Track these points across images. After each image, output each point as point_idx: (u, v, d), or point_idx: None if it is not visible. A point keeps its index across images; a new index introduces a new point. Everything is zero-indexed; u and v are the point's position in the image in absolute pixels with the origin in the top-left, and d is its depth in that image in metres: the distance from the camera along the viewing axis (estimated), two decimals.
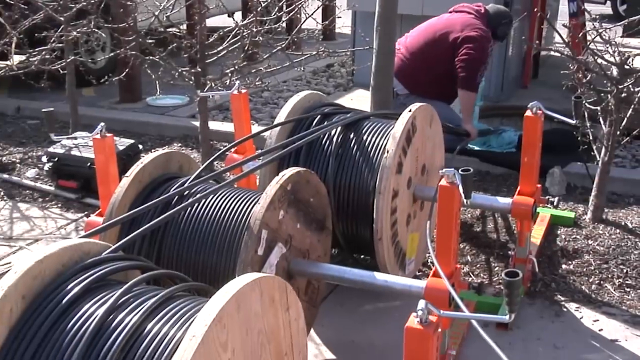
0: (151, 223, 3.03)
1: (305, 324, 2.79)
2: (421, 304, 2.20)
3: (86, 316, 2.30)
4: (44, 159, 6.23)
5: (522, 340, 3.91)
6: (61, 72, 6.93)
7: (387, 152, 3.87)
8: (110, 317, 2.28)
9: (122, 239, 2.89)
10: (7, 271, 2.43)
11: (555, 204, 4.92)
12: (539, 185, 4.40)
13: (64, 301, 2.32)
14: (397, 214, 3.98)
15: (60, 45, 6.90)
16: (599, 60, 5.01)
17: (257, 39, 5.94)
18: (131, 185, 3.48)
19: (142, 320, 2.28)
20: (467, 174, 3.15)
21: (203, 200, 3.40)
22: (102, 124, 4.00)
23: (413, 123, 4.09)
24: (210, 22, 7.86)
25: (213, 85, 5.72)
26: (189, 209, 3.38)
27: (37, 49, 7.04)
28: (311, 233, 3.60)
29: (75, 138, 5.90)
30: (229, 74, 5.82)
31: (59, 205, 5.92)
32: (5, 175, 6.42)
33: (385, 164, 3.84)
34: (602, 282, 4.48)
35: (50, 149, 6.20)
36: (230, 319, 2.36)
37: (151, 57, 6.07)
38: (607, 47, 5.00)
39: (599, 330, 4.04)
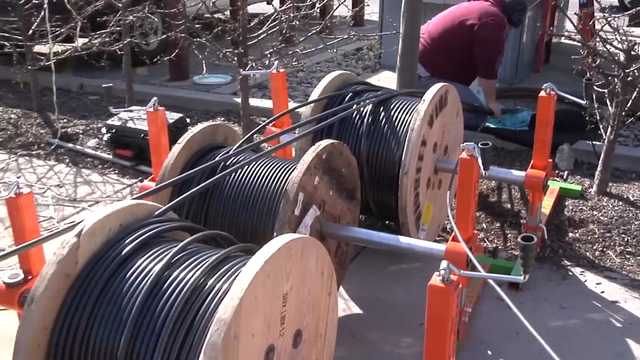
0: (199, 186, 3.03)
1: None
2: (443, 264, 2.17)
3: (144, 265, 2.41)
4: (103, 130, 6.27)
5: (531, 300, 3.89)
6: (119, 52, 6.96)
7: (424, 100, 3.86)
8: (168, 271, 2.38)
9: (173, 201, 2.91)
10: (72, 227, 2.46)
11: (564, 177, 4.86)
12: (550, 160, 4.33)
13: (133, 244, 2.46)
14: (422, 164, 3.90)
15: (118, 28, 6.93)
16: (607, 47, 4.93)
17: (293, 23, 5.92)
18: (182, 151, 3.47)
19: (202, 276, 2.33)
20: (486, 148, 3.12)
21: (245, 167, 3.40)
22: (155, 98, 3.99)
23: (445, 95, 4.05)
24: (251, 8, 7.84)
25: (254, 64, 5.71)
26: (233, 175, 3.38)
27: (98, 32, 7.10)
28: (342, 201, 3.58)
29: (131, 111, 5.92)
30: (268, 55, 5.81)
31: (116, 171, 5.96)
32: (70, 145, 6.47)
33: (420, 108, 3.82)
34: (604, 249, 4.44)
35: (109, 122, 6.24)
36: (295, 256, 2.41)
37: (198, 40, 6.07)
38: (615, 35, 4.92)
39: (601, 293, 4.01)
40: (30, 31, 6.99)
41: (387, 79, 8.06)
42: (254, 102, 6.90)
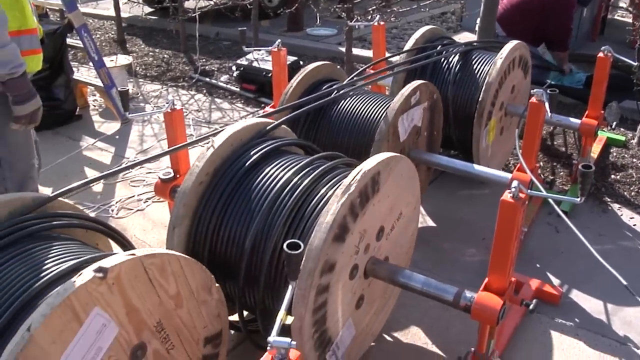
0: (312, 104, 3.01)
1: None
2: (514, 183, 2.09)
3: (273, 171, 2.44)
4: (233, 68, 6.33)
5: (576, 227, 3.63)
6: (249, 7, 6.93)
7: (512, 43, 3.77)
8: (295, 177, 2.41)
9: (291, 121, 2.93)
10: (207, 138, 2.50)
11: (613, 127, 4.64)
12: (602, 111, 4.13)
13: (260, 153, 2.50)
14: (499, 92, 3.73)
15: None
16: None
17: None
18: (312, 70, 3.52)
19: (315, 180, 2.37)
20: (553, 94, 2.99)
21: (349, 99, 3.36)
22: (279, 40, 3.97)
23: (526, 60, 3.92)
24: None
25: (359, 18, 5.60)
26: (338, 104, 3.35)
27: None
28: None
29: (260, 50, 5.93)
30: (371, 12, 5.69)
31: (242, 101, 6.01)
32: (207, 79, 6.56)
33: (510, 46, 3.71)
34: None
35: (238, 62, 6.29)
36: (412, 203, 2.47)
37: None
38: None
39: (633, 225, 3.87)
40: None
41: (466, 39, 7.74)
42: (355, 51, 6.74)
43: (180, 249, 2.36)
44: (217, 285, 2.09)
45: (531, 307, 2.46)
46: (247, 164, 2.43)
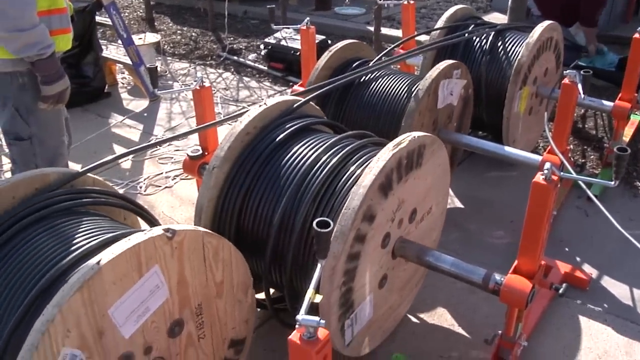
0: (341, 81, 2.98)
1: None
2: (547, 165, 2.05)
3: (303, 148, 2.42)
4: (261, 47, 6.30)
5: (606, 211, 3.69)
6: None
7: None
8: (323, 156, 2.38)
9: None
10: (237, 117, 2.48)
11: None
12: (636, 94, 4.02)
13: (295, 127, 2.50)
14: (535, 64, 3.68)
15: None
16: None
17: None
18: (341, 49, 3.50)
19: (343, 158, 2.35)
20: (587, 75, 2.90)
21: (378, 78, 3.32)
22: (308, 18, 3.92)
23: (557, 44, 3.83)
24: None
25: None
26: (369, 81, 3.31)
27: None
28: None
29: (289, 28, 5.89)
30: None
31: (270, 80, 5.99)
32: (235, 57, 6.54)
33: (547, 23, 3.68)
34: None
35: (266, 40, 6.25)
36: (438, 209, 2.43)
37: None
38: None
39: None
40: None
41: (496, 20, 7.59)
42: (384, 30, 6.64)
43: (215, 192, 2.35)
44: (252, 289, 2.14)
45: (561, 291, 2.42)
46: (283, 135, 2.43)
